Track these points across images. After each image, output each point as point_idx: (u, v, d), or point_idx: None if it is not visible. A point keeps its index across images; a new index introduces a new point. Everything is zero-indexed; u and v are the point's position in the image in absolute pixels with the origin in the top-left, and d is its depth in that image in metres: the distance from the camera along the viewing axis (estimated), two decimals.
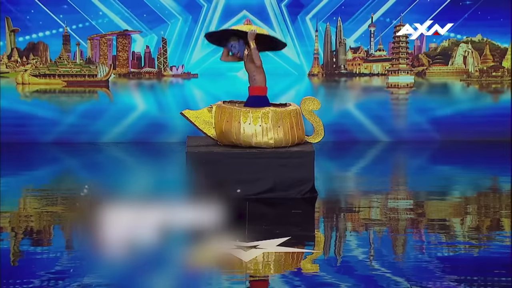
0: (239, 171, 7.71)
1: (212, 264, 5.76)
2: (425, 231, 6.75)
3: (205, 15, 11.42)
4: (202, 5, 11.36)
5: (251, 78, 7.91)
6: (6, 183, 8.70)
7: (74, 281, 5.22)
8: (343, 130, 11.46)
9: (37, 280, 5.25)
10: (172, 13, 11.41)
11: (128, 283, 5.28)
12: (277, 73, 11.37)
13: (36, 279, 5.26)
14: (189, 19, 11.46)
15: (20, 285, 5.15)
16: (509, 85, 11.76)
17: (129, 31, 11.50)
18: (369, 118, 11.61)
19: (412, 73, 11.74)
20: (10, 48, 11.44)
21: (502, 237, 6.55)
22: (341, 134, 11.43)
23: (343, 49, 11.67)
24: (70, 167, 10.10)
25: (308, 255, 5.94)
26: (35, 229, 6.74)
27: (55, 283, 5.18)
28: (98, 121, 11.45)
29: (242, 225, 6.64)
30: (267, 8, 11.44)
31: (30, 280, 5.26)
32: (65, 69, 11.57)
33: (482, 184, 8.89)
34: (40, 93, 11.54)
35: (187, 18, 11.45)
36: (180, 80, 11.65)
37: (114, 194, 8.41)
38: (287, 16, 11.46)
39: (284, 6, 11.43)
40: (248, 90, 7.93)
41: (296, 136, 7.95)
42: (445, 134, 11.54)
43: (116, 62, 11.64)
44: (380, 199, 7.95)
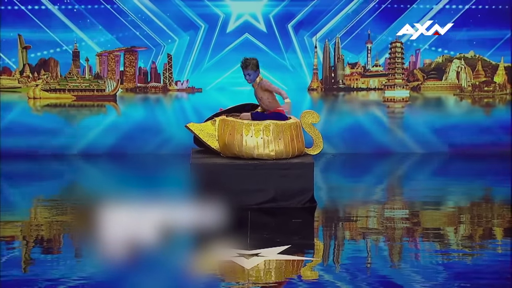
0: (242, 181, 7.71)
1: (215, 271, 5.75)
2: (420, 239, 6.74)
3: (210, 32, 11.46)
4: (201, 25, 11.40)
5: (264, 103, 8.00)
6: (18, 194, 8.70)
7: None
8: (342, 142, 11.48)
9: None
10: (179, 30, 11.44)
11: None
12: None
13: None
14: (194, 36, 11.49)
15: None
16: (501, 100, 11.77)
17: (136, 47, 11.53)
18: (366, 130, 11.61)
19: (408, 88, 11.75)
20: (22, 64, 11.47)
21: (494, 246, 6.54)
22: (340, 146, 11.45)
23: (341, 65, 11.69)
24: (79, 177, 10.09)
25: (307, 263, 5.94)
26: (45, 237, 6.74)
27: None
28: (106, 133, 11.45)
29: (244, 234, 6.63)
30: (266, 23, 11.48)
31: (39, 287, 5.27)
32: (75, 84, 11.58)
33: (475, 195, 8.88)
34: (51, 107, 11.55)
35: (192, 35, 11.48)
36: (185, 94, 11.66)
37: (122, 203, 8.41)
38: (293, 36, 11.50)
39: (290, 26, 11.48)
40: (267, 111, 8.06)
41: (296, 148, 7.95)
42: (439, 146, 11.54)
43: (123, 77, 11.66)
44: (376, 209, 7.95)
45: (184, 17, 11.43)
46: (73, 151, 11.29)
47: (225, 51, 11.46)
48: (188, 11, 11.40)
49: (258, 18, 11.52)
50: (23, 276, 5.61)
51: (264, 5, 11.43)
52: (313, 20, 11.52)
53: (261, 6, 11.46)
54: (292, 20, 11.47)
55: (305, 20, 11.51)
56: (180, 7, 11.39)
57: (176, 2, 11.37)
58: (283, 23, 11.50)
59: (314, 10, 11.48)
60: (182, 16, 11.42)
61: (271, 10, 11.45)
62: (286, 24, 11.50)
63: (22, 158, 10.93)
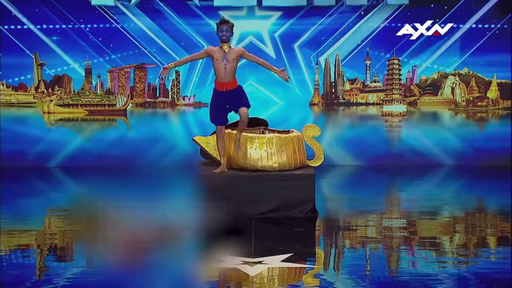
0: (246, 192, 7.72)
1: (220, 278, 5.76)
2: (417, 248, 6.74)
3: None
4: (203, 45, 11.47)
5: (228, 69, 7.65)
6: (32, 204, 8.73)
7: None
8: (342, 154, 11.50)
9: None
10: (186, 47, 11.49)
11: None
12: (281, 102, 11.50)
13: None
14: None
15: None
16: (493, 114, 11.78)
17: (145, 64, 11.58)
18: (365, 143, 11.63)
19: (405, 103, 11.77)
20: (37, 80, 11.52)
21: (488, 254, 6.54)
22: (340, 158, 11.47)
23: (341, 81, 11.72)
24: (90, 188, 10.11)
25: (309, 270, 5.94)
26: (58, 246, 6.76)
27: None
28: (116, 146, 11.49)
29: (249, 242, 6.64)
30: (270, 44, 11.52)
31: None
32: (87, 99, 11.63)
33: (469, 205, 8.88)
34: (64, 121, 11.60)
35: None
36: (192, 109, 11.70)
37: (130, 211, 8.44)
38: (301, 56, 11.56)
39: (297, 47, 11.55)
40: None
41: (299, 160, 7.97)
42: (435, 159, 11.55)
43: (133, 93, 11.70)
44: (375, 219, 7.95)
45: (191, 35, 11.50)
46: (85, 163, 11.32)
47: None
48: (190, 30, 11.46)
49: (263, 38, 11.55)
50: (37, 282, 5.63)
51: (270, 24, 11.47)
52: (315, 39, 11.56)
53: (266, 25, 11.51)
54: (296, 38, 11.53)
55: (308, 38, 11.56)
56: (184, 26, 11.46)
57: (182, 20, 11.47)
58: (287, 41, 11.54)
59: (316, 29, 11.53)
60: (190, 35, 11.48)
61: (275, 28, 11.50)
62: (291, 44, 11.55)
63: (37, 169, 10.99)
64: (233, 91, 7.69)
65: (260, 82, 11.46)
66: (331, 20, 11.46)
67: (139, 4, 11.36)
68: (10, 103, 11.47)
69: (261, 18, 11.47)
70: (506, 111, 11.72)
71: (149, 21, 11.42)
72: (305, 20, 11.48)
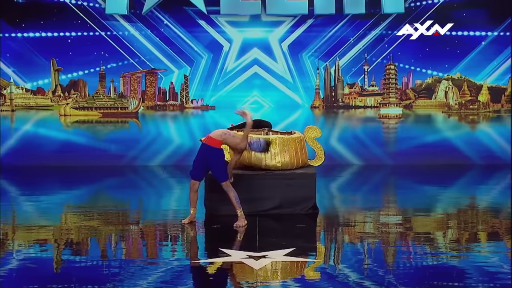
0: (251, 190, 7.71)
1: (227, 271, 5.76)
2: (412, 243, 6.72)
3: (224, 55, 11.53)
4: (206, 55, 11.46)
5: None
6: (50, 201, 8.73)
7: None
8: (340, 154, 11.51)
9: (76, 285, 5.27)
10: (192, 54, 11.50)
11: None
12: (284, 105, 11.49)
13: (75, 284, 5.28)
14: (208, 58, 11.54)
15: None
16: (484, 117, 11.77)
17: (156, 70, 11.58)
18: (363, 144, 11.62)
19: (401, 106, 11.76)
20: (54, 84, 11.54)
21: (479, 248, 6.52)
22: (340, 157, 11.47)
23: (341, 85, 11.71)
24: (105, 187, 10.12)
25: (311, 264, 5.93)
26: (74, 240, 6.75)
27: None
28: (128, 147, 11.51)
29: (253, 238, 6.63)
30: (275, 52, 11.54)
31: (71, 285, 5.28)
32: (101, 103, 11.64)
33: (462, 202, 8.86)
34: (80, 123, 11.62)
35: (207, 58, 11.54)
36: (200, 111, 11.70)
37: (140, 208, 8.44)
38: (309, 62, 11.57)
39: (303, 54, 11.54)
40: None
41: (300, 160, 7.95)
42: (429, 159, 11.54)
43: (144, 96, 11.71)
44: (373, 215, 7.93)
45: (201, 42, 11.52)
46: (99, 163, 11.34)
47: (234, 72, 11.58)
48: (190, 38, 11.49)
49: (267, 45, 11.55)
50: (54, 275, 5.63)
51: (272, 32, 11.48)
52: (317, 45, 11.56)
53: (271, 33, 11.51)
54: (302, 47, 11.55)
55: (310, 44, 11.56)
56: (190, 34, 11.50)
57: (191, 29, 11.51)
58: (294, 49, 11.55)
59: (317, 37, 11.53)
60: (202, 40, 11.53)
61: (278, 36, 11.49)
62: (298, 53, 11.56)
63: (54, 168, 11.02)
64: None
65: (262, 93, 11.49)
66: (331, 28, 11.46)
67: (150, 13, 11.38)
68: (29, 106, 11.49)
69: (265, 25, 11.48)
70: (497, 114, 11.74)
71: (158, 29, 11.44)
72: (308, 28, 11.49)
